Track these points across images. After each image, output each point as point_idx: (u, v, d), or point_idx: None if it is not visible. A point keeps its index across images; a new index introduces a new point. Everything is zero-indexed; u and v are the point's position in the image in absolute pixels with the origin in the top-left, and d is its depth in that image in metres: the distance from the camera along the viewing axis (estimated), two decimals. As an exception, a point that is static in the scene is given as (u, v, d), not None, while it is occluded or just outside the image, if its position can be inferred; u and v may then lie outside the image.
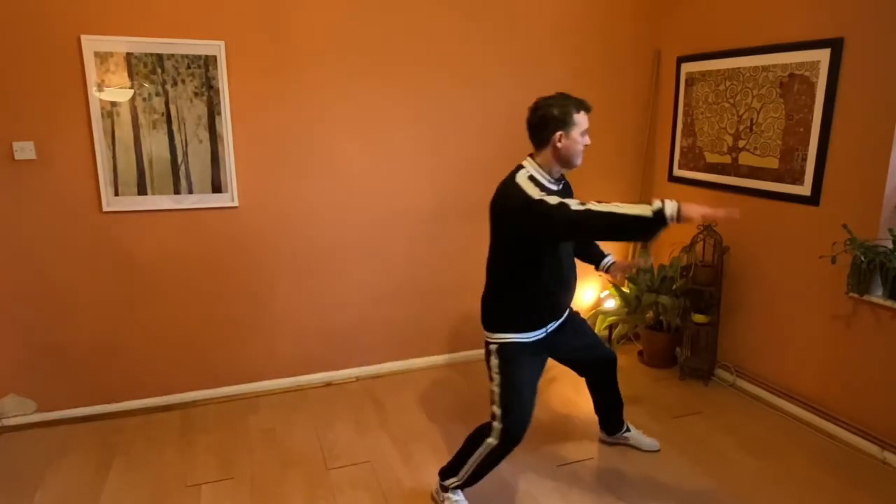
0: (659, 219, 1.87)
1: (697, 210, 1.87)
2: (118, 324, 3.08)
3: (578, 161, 2.18)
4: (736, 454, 2.79)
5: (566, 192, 2.33)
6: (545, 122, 2.12)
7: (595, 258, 2.63)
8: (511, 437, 2.20)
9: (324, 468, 2.69)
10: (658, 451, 2.81)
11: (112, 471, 2.67)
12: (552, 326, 2.34)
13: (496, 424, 2.21)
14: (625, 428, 2.84)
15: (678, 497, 2.49)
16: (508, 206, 2.10)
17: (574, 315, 2.56)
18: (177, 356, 3.21)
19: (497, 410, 2.21)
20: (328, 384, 3.49)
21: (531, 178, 2.13)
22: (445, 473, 2.38)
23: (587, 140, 2.16)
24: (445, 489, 2.38)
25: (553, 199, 1.99)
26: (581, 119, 2.12)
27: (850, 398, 2.87)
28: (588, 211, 1.92)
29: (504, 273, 2.24)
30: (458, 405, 3.23)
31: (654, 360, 3.74)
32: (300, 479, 2.61)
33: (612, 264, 2.59)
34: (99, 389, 3.12)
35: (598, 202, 1.97)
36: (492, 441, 2.20)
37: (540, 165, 2.19)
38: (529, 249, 2.17)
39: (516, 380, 2.23)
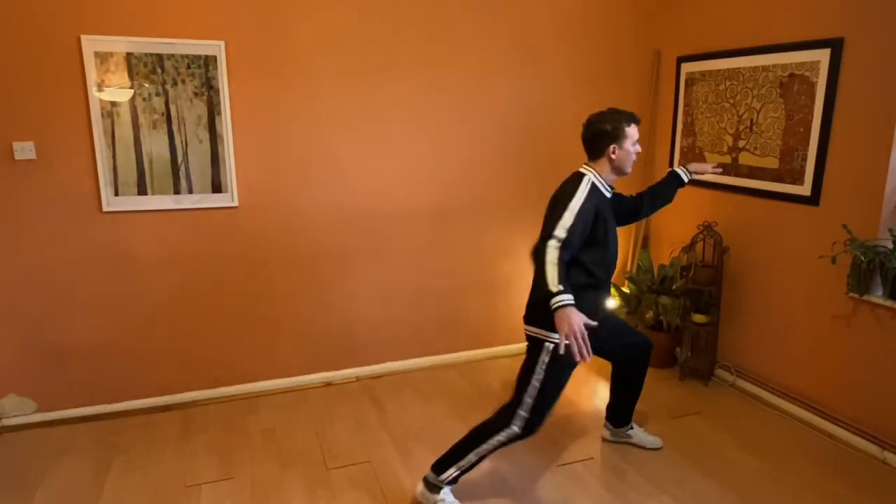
0: (549, 296, 2.08)
1: (565, 325, 2.03)
2: (118, 324, 3.08)
3: (629, 169, 2.40)
4: (736, 454, 2.79)
5: (617, 198, 2.55)
6: (599, 137, 2.33)
7: (675, 185, 2.75)
8: (534, 429, 2.28)
9: (324, 468, 2.69)
10: (661, 448, 2.83)
11: (112, 471, 2.67)
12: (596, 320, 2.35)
13: (523, 413, 2.24)
14: (630, 424, 2.84)
15: (678, 497, 2.49)
16: (558, 199, 2.28)
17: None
18: (177, 356, 3.21)
19: (528, 401, 2.25)
20: (328, 384, 3.49)
21: (593, 185, 2.31)
22: (442, 465, 2.34)
23: (638, 148, 2.38)
24: (437, 489, 2.34)
25: (559, 231, 2.17)
26: (632, 131, 2.35)
27: (850, 398, 2.87)
28: (549, 255, 2.14)
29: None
30: (459, 405, 3.23)
31: (654, 360, 3.69)
32: (300, 479, 2.61)
33: (687, 175, 2.73)
34: (99, 389, 3.12)
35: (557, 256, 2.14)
36: (516, 430, 2.25)
37: (598, 174, 2.37)
38: (587, 240, 2.29)
39: (558, 382, 2.30)
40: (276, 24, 3.02)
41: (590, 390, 3.44)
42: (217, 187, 3.08)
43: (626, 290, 3.75)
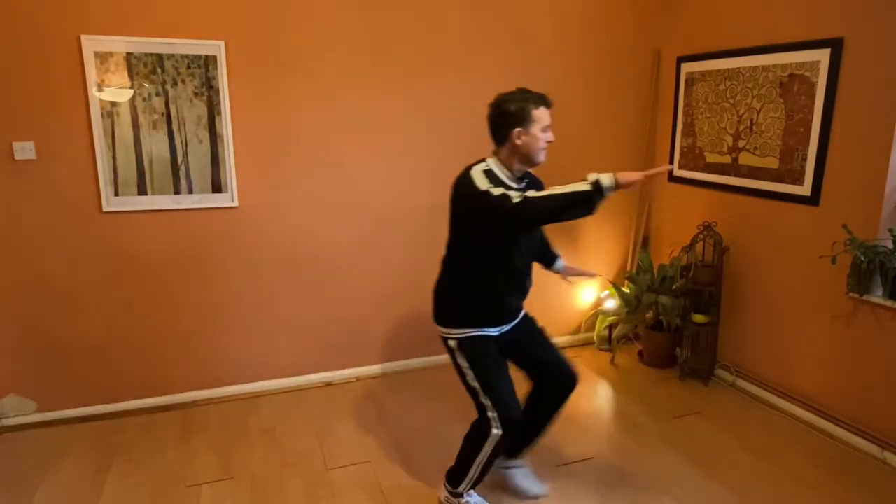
0: (597, 190, 1.88)
1: (632, 176, 1.89)
2: (118, 324, 3.08)
3: (541, 158, 2.13)
4: (736, 454, 2.79)
5: (532, 189, 2.23)
6: (503, 118, 2.09)
7: (548, 260, 2.62)
8: (512, 420, 2.17)
9: (324, 468, 2.69)
10: (543, 495, 2.48)
11: (112, 471, 2.67)
12: (505, 328, 2.32)
13: (492, 414, 2.16)
14: (517, 460, 2.55)
15: (678, 497, 2.49)
16: (460, 197, 2.12)
17: (532, 322, 2.51)
18: (177, 356, 3.21)
19: (486, 401, 2.18)
20: (328, 384, 3.49)
21: (487, 171, 2.10)
22: (454, 479, 2.34)
23: (549, 136, 2.11)
24: (459, 495, 2.34)
25: (497, 191, 1.98)
26: (541, 114, 2.08)
27: (850, 398, 2.87)
28: (526, 199, 1.92)
29: (459, 266, 2.24)
30: (458, 405, 3.22)
31: (654, 360, 3.74)
32: (300, 479, 2.61)
33: (564, 268, 2.61)
34: (99, 389, 3.12)
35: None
36: (497, 432, 2.16)
37: (501, 162, 2.16)
38: (482, 244, 2.16)
39: (489, 365, 2.21)
40: (277, 24, 3.02)
41: (589, 390, 3.44)
42: (217, 187, 3.08)
43: (626, 290, 3.75)
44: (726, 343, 3.52)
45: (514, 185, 2.14)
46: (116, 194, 2.93)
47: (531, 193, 1.95)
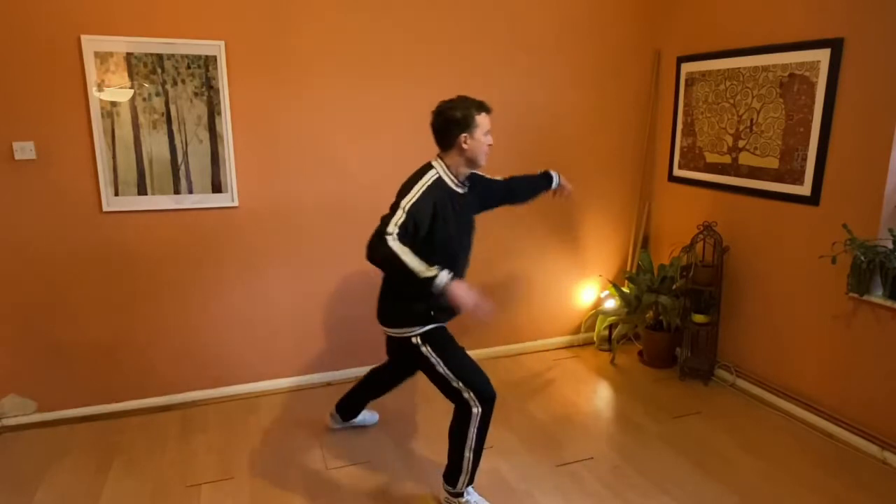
0: (428, 280, 2.05)
1: (462, 296, 2.06)
2: (118, 324, 3.08)
3: (483, 161, 2.26)
4: (736, 454, 2.79)
5: (479, 191, 2.43)
6: (449, 125, 2.20)
7: (545, 184, 2.74)
8: (488, 396, 2.27)
9: (324, 468, 2.69)
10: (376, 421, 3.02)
11: (112, 471, 2.67)
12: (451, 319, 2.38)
13: (467, 395, 2.25)
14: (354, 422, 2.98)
15: (678, 497, 2.49)
16: (397, 196, 2.19)
17: None
18: (177, 356, 3.21)
19: (458, 385, 2.26)
20: (328, 384, 3.49)
21: (437, 181, 2.21)
22: (452, 478, 2.36)
23: (490, 140, 2.25)
24: (459, 494, 2.37)
25: (392, 227, 2.09)
26: (483, 120, 2.22)
27: (850, 398, 2.87)
28: (390, 247, 2.07)
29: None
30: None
31: (654, 360, 3.74)
32: (300, 479, 2.61)
33: (559, 184, 2.76)
34: (99, 389, 3.12)
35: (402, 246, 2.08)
36: (476, 410, 2.25)
37: (448, 167, 2.26)
38: (427, 245, 2.18)
39: (457, 354, 2.31)
40: (277, 24, 3.02)
41: (589, 390, 3.44)
42: (217, 187, 3.08)
43: (626, 290, 3.75)
44: (726, 343, 3.52)
45: (459, 190, 2.28)
46: (116, 194, 2.93)
47: (395, 248, 2.06)
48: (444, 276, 2.06)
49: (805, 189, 2.96)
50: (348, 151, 3.29)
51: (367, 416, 3.03)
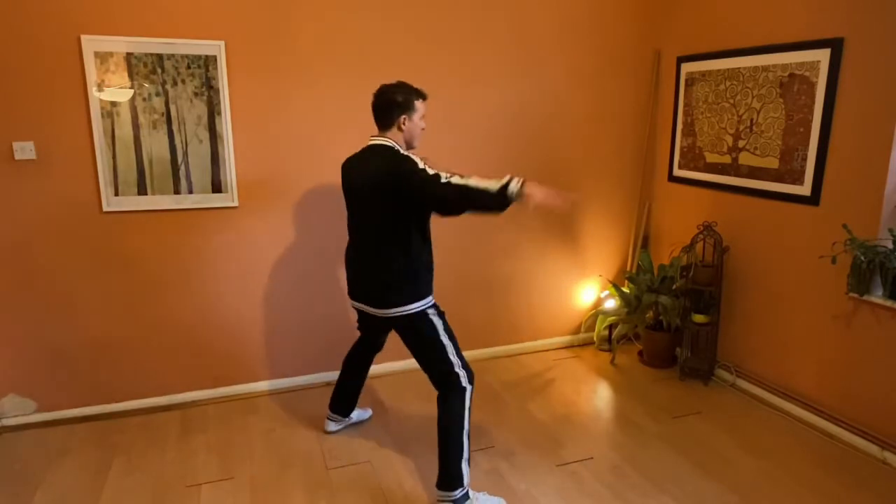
0: (503, 192, 2.08)
1: (538, 191, 2.08)
2: (118, 324, 3.08)
3: (417, 143, 2.43)
4: (736, 454, 2.79)
5: None
6: (391, 106, 2.34)
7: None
8: (473, 376, 2.42)
9: (324, 468, 2.69)
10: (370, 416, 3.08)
11: (112, 471, 2.67)
12: None
13: (460, 371, 2.37)
14: (349, 419, 3.02)
15: (678, 497, 2.49)
16: (396, 173, 2.24)
17: None
18: (177, 356, 3.21)
19: (455, 359, 2.38)
20: (328, 384, 3.49)
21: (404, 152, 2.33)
22: (452, 479, 2.30)
23: (424, 124, 2.42)
24: (465, 497, 2.32)
25: (430, 169, 2.19)
26: (420, 105, 2.38)
27: (850, 398, 2.87)
28: (449, 183, 2.13)
29: (399, 244, 2.33)
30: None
31: (654, 360, 3.74)
32: (300, 479, 2.61)
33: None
34: (99, 389, 3.12)
35: (461, 177, 2.16)
36: (469, 386, 2.37)
37: (397, 143, 2.37)
38: (415, 219, 2.32)
39: (452, 331, 2.45)
40: (277, 23, 3.02)
41: (589, 390, 3.45)
42: (217, 187, 3.08)
43: (626, 290, 3.75)
44: (726, 343, 3.52)
45: None
46: (116, 194, 2.93)
47: (455, 179, 2.13)
48: (515, 181, 2.08)
49: (805, 189, 2.96)
50: (348, 151, 3.28)
51: (360, 412, 3.07)
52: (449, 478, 2.32)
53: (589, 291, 4.02)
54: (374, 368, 3.60)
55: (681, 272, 3.53)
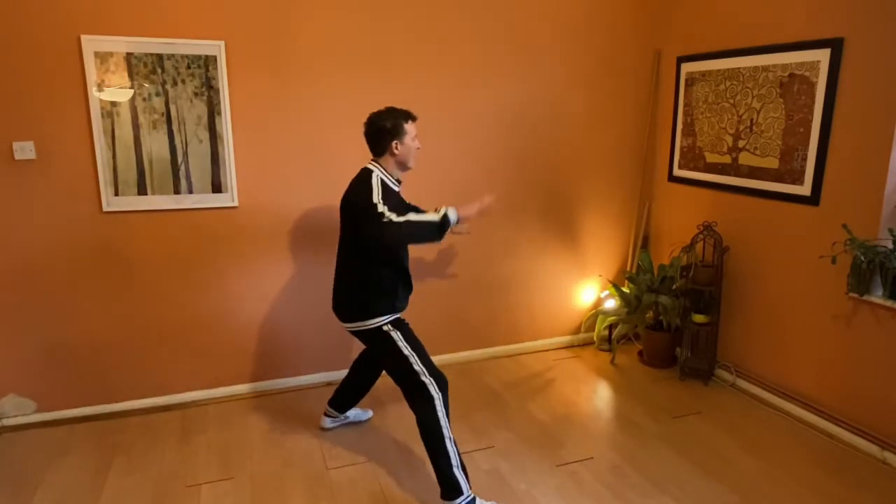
0: (444, 222, 2.33)
1: (469, 209, 2.43)
2: (118, 324, 3.08)
3: (412, 163, 2.51)
4: (736, 454, 2.79)
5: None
6: (381, 134, 2.43)
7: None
8: (444, 382, 2.43)
9: (324, 468, 2.69)
10: (370, 416, 3.11)
11: (112, 471, 2.67)
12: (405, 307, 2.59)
13: (426, 380, 2.38)
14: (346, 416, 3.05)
15: (678, 497, 2.49)
16: (354, 202, 2.38)
17: None
18: (177, 356, 3.21)
19: (419, 368, 2.40)
20: (328, 384, 3.49)
21: (382, 182, 2.41)
22: (451, 488, 2.31)
23: (418, 144, 2.50)
24: (472, 501, 2.33)
25: (381, 206, 2.29)
26: (410, 128, 2.46)
27: (850, 398, 2.87)
28: (391, 222, 2.27)
29: (366, 261, 2.45)
30: (459, 405, 3.23)
31: (654, 360, 3.74)
32: (300, 479, 2.61)
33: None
34: (99, 389, 3.12)
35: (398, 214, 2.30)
36: (437, 395, 2.37)
37: (386, 171, 2.46)
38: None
39: (416, 340, 2.48)
40: (277, 23, 3.02)
41: (589, 390, 3.44)
42: (217, 187, 3.08)
43: (626, 290, 3.75)
44: (726, 343, 3.52)
45: (395, 188, 2.50)
46: (116, 194, 2.93)
47: (398, 221, 2.27)
48: (451, 210, 2.36)
49: (805, 189, 2.96)
50: (348, 151, 3.29)
51: (359, 412, 3.08)
52: (447, 488, 2.33)
53: (589, 291, 4.02)
54: (374, 368, 3.60)
55: (681, 272, 3.53)
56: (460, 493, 2.32)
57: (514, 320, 3.87)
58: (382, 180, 2.41)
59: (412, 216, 2.31)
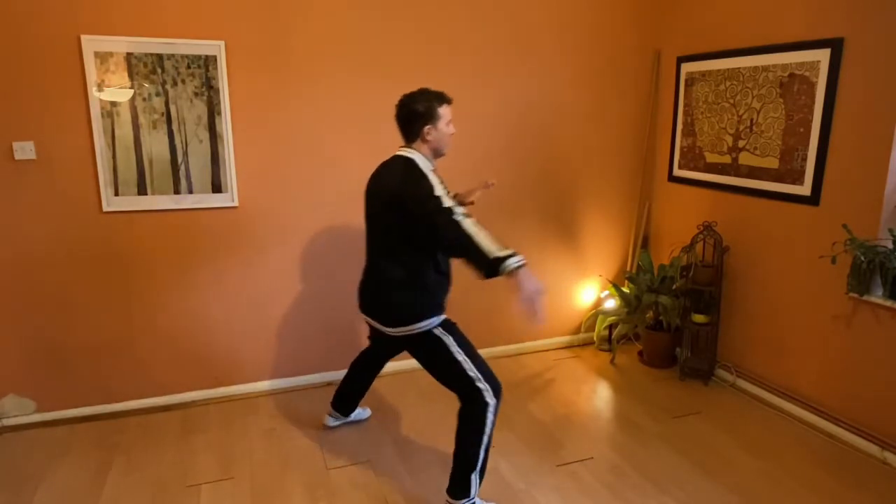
0: (496, 263, 2.01)
1: (528, 284, 2.02)
2: (118, 323, 3.08)
3: (446, 150, 2.33)
4: (736, 454, 2.79)
5: None
6: (413, 117, 2.25)
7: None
8: (499, 388, 2.29)
9: (324, 468, 2.69)
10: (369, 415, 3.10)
11: (112, 471, 2.67)
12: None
13: (482, 385, 2.24)
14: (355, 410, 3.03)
15: (678, 497, 2.49)
16: (408, 191, 2.17)
17: None
18: (177, 356, 3.21)
19: (473, 373, 2.26)
20: (328, 384, 3.49)
21: (427, 166, 2.24)
22: (461, 489, 2.27)
23: (452, 129, 2.31)
24: None
25: (447, 200, 2.10)
26: (444, 111, 2.27)
27: (850, 398, 2.87)
28: (459, 224, 2.06)
29: (406, 261, 2.28)
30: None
31: (654, 360, 3.74)
32: (300, 479, 2.61)
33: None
34: (99, 389, 3.12)
35: (474, 224, 2.09)
36: (492, 402, 2.25)
37: (424, 156, 2.29)
38: (424, 236, 2.21)
39: (470, 345, 2.33)
40: (277, 24, 3.02)
41: (589, 390, 3.44)
42: (217, 187, 3.08)
43: (626, 290, 3.75)
44: (726, 343, 3.52)
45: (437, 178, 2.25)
46: (116, 194, 2.93)
47: (466, 226, 2.06)
48: (517, 258, 2.02)
49: (805, 189, 2.96)
50: (348, 151, 3.29)
51: (359, 411, 3.07)
52: (456, 486, 2.29)
53: (589, 291, 4.02)
54: (374, 368, 3.60)
55: (681, 272, 3.53)
56: (468, 496, 2.29)
57: (514, 320, 3.87)
58: (427, 166, 2.24)
59: (479, 232, 2.07)
